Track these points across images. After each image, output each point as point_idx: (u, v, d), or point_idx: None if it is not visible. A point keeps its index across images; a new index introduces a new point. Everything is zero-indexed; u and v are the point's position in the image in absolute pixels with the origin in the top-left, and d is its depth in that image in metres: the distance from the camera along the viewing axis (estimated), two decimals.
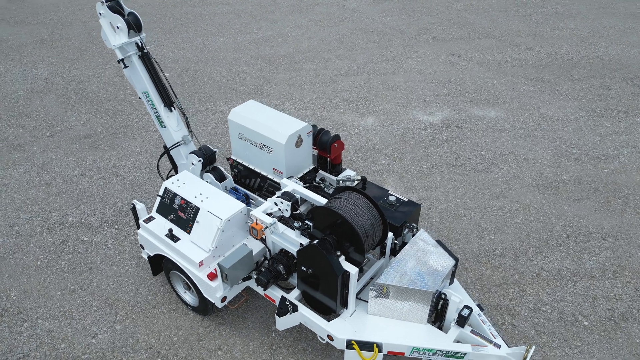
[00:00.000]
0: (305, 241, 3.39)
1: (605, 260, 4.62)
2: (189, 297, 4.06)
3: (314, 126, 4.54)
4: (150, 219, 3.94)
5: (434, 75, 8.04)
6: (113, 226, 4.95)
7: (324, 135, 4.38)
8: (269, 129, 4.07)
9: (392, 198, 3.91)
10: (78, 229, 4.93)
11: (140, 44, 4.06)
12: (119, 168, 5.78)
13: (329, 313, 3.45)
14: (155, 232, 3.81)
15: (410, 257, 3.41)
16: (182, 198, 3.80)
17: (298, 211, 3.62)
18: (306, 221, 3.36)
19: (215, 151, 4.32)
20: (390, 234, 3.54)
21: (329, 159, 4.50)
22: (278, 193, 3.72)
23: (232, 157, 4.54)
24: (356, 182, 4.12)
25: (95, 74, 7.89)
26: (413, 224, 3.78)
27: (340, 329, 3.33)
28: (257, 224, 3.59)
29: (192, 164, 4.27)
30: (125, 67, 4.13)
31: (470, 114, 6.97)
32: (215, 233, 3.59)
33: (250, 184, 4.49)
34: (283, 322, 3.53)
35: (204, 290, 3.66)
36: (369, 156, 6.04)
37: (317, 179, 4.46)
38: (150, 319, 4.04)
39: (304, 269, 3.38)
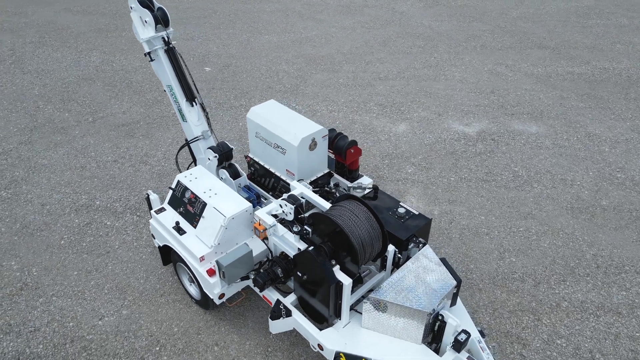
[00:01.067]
0: (303, 246, 3.35)
1: (635, 296, 4.27)
2: (193, 290, 4.12)
3: (331, 130, 4.49)
4: (161, 210, 4.03)
5: (477, 84, 7.74)
6: (135, 213, 5.11)
7: (340, 140, 4.32)
8: (283, 130, 4.05)
9: (401, 210, 3.79)
10: (103, 213, 5.13)
11: (166, 39, 4.15)
12: (150, 157, 5.97)
13: (322, 322, 3.39)
14: (164, 224, 3.89)
15: (410, 274, 3.29)
16: (192, 192, 3.85)
17: (302, 215, 3.58)
18: (306, 226, 3.32)
19: (232, 148, 4.35)
20: (391, 247, 3.42)
21: (346, 165, 4.44)
22: (284, 195, 3.70)
23: (250, 155, 4.56)
24: (367, 190, 4.02)
25: (142, 65, 8.19)
26: (420, 239, 3.64)
27: (331, 339, 3.26)
28: (259, 224, 3.59)
29: (209, 159, 4.33)
30: (152, 60, 4.24)
31: (509, 127, 6.65)
32: (218, 230, 3.61)
33: (265, 183, 4.49)
34: (276, 326, 3.50)
35: (204, 285, 3.70)
36: (396, 164, 5.90)
37: (331, 184, 4.41)
38: (155, 307, 4.13)
39: (300, 275, 3.34)
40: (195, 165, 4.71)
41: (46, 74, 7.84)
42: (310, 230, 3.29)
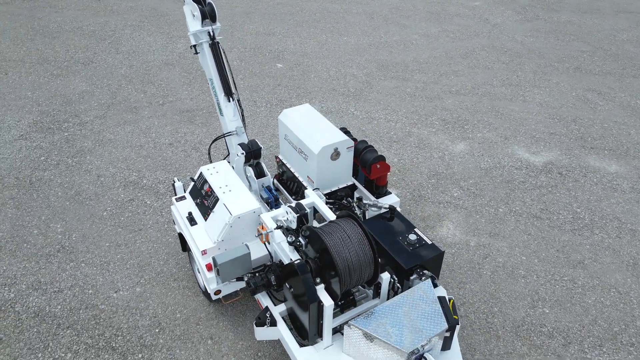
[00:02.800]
0: (296, 257, 3.25)
1: None
2: (199, 280, 4.21)
3: (362, 142, 4.33)
4: (182, 198, 4.16)
5: (558, 110, 7.04)
6: (174, 196, 5.34)
7: (367, 153, 4.15)
8: (308, 137, 3.98)
9: (412, 237, 3.54)
10: (146, 191, 5.42)
11: (211, 34, 4.26)
12: (202, 145, 6.20)
13: (305, 339, 3.28)
14: (180, 212, 4.02)
15: (400, 307, 3.06)
16: (209, 185, 3.92)
17: (304, 226, 3.49)
18: (300, 238, 3.22)
19: (261, 147, 4.36)
20: (386, 275, 3.20)
21: (371, 179, 4.26)
22: (293, 202, 3.63)
23: (279, 156, 4.55)
24: (384, 210, 3.81)
25: None
26: (426, 271, 3.37)
27: (308, 358, 3.14)
28: (262, 227, 3.56)
29: (237, 155, 4.39)
30: (196, 53, 4.38)
31: (583, 162, 5.96)
32: (223, 227, 3.64)
33: (290, 186, 4.46)
34: (260, 333, 3.44)
35: (203, 278, 3.76)
36: (442, 185, 5.55)
37: (354, 198, 4.25)
38: (166, 290, 4.29)
39: (287, 286, 3.25)
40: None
41: (135, 55, 8.47)
42: (303, 242, 3.19)
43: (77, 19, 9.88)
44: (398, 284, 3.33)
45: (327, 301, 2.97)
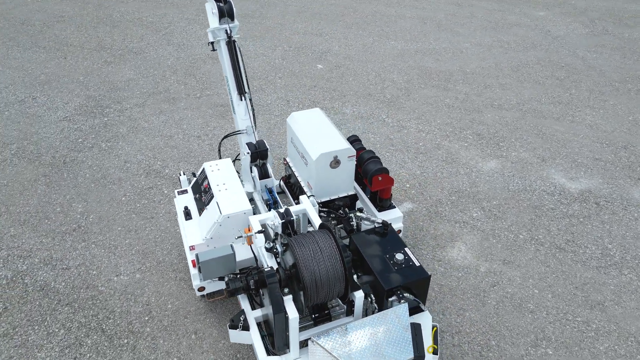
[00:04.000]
0: (273, 264, 3.20)
1: None
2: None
3: (369, 152, 4.20)
4: (184, 191, 4.23)
5: (609, 134, 6.47)
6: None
7: (370, 164, 4.02)
8: (310, 142, 3.91)
9: (399, 256, 3.37)
10: (166, 181, 5.58)
11: (228, 32, 4.28)
12: (228, 140, 6.29)
13: (274, 348, 3.22)
14: (179, 205, 4.08)
15: (369, 328, 2.92)
16: (208, 182, 3.96)
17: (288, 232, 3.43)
18: (277, 245, 3.16)
19: (267, 149, 4.33)
20: (360, 294, 3.06)
21: (371, 191, 4.12)
22: (282, 207, 3.57)
23: (287, 159, 4.51)
24: (376, 224, 3.66)
25: (265, 53, 8.63)
26: (407, 295, 3.20)
27: None
28: (248, 229, 3.54)
29: (244, 154, 4.39)
30: (213, 50, 4.42)
31: (627, 194, 5.43)
32: (212, 224, 3.66)
33: (294, 189, 4.41)
34: (234, 336, 3.42)
35: (191, 273, 3.79)
36: (462, 203, 5.27)
37: (355, 208, 4.12)
38: (163, 280, 4.38)
39: (261, 293, 3.21)
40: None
41: (184, 48, 8.76)
42: (280, 250, 3.13)
43: (140, 10, 10.36)
44: (375, 304, 3.19)
45: (292, 313, 2.90)
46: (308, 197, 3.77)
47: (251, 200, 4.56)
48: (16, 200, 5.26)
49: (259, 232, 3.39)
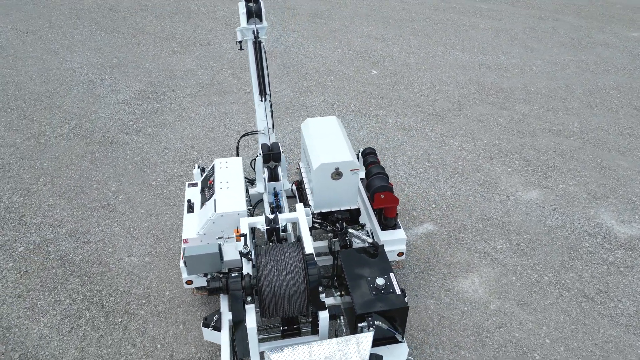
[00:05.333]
0: (248, 269, 3.17)
1: None
2: None
3: (377, 166, 4.03)
4: (194, 184, 4.33)
5: None
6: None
7: (375, 180, 3.86)
8: (315, 150, 3.84)
9: (380, 281, 3.20)
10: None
11: (255, 32, 4.30)
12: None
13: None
14: (185, 197, 4.19)
15: (325, 350, 2.79)
16: (213, 178, 4.01)
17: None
18: (252, 250, 3.13)
19: (280, 152, 4.31)
20: (324, 314, 2.94)
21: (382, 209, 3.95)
22: (285, 212, 3.54)
23: (300, 164, 4.47)
24: (367, 244, 3.50)
25: (323, 54, 8.61)
26: (379, 323, 3.03)
27: None
28: (237, 230, 3.54)
29: (258, 154, 4.41)
30: (241, 49, 4.46)
31: None
32: (206, 221, 3.71)
33: (302, 194, 4.36)
34: (206, 334, 3.44)
35: (181, 265, 3.87)
36: (488, 232, 4.90)
37: (357, 224, 3.98)
38: (168, 266, 4.53)
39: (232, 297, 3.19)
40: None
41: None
42: (253, 257, 3.09)
43: (216, 3, 10.79)
44: (344, 327, 3.05)
45: (251, 323, 2.86)
46: (305, 206, 3.70)
47: (260, 201, 4.58)
48: (62, 173, 5.70)
49: (241, 235, 3.38)
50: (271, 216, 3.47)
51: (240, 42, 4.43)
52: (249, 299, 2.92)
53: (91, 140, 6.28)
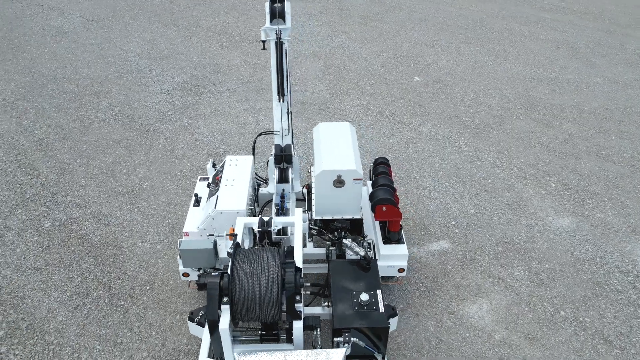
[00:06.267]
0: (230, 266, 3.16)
1: None
2: None
3: (383, 177, 3.90)
4: (205, 179, 4.40)
5: None
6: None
7: (379, 191, 3.76)
8: (322, 155, 3.80)
9: (364, 297, 3.10)
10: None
11: (278, 33, 4.29)
12: (295, 137, 6.36)
13: None
14: (195, 190, 4.26)
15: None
16: (221, 175, 4.06)
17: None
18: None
19: (292, 154, 4.29)
20: (298, 324, 2.87)
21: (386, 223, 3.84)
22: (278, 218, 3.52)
23: (312, 168, 4.42)
24: (358, 257, 3.39)
25: (367, 57, 8.49)
26: (355, 340, 2.93)
27: None
28: (232, 229, 3.55)
29: (270, 154, 4.41)
30: (263, 49, 4.47)
31: None
32: (206, 217, 3.76)
33: (310, 198, 4.31)
34: (192, 328, 3.48)
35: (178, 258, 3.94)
36: (507, 257, 4.61)
37: (359, 234, 3.88)
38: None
39: None
40: None
41: (294, 42, 9.02)
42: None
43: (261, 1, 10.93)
44: (319, 339, 2.98)
45: (224, 324, 2.85)
46: (303, 211, 3.65)
47: (270, 201, 4.58)
48: (97, 156, 5.99)
49: (230, 235, 3.39)
50: (266, 218, 3.46)
51: (263, 41, 4.47)
52: (224, 299, 2.91)
53: (129, 127, 6.56)
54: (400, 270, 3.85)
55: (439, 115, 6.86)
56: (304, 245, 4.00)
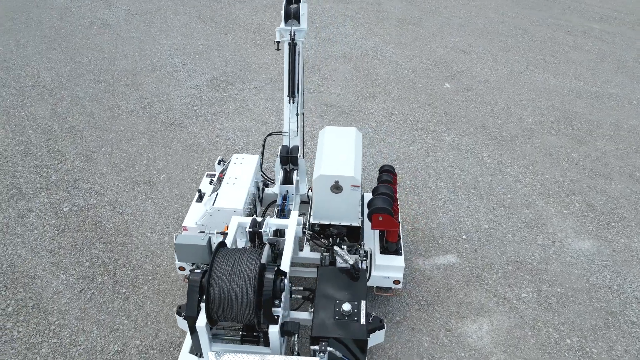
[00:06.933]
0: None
1: None
2: None
3: (384, 186, 3.81)
4: (212, 175, 4.45)
5: None
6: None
7: (377, 200, 3.67)
8: (321, 160, 3.76)
9: (346, 307, 3.03)
10: None
11: (292, 34, 4.28)
12: (313, 138, 6.34)
13: None
14: (200, 186, 4.32)
15: None
16: (225, 172, 4.09)
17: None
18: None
19: (297, 156, 4.26)
20: (274, 329, 2.84)
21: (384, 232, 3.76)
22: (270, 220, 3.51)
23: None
24: (348, 265, 3.33)
25: (399, 61, 8.35)
26: (332, 350, 2.87)
27: None
28: (226, 227, 3.57)
29: (276, 155, 4.40)
30: (278, 49, 4.47)
31: None
32: (204, 213, 3.79)
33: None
34: (179, 322, 3.52)
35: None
36: (516, 277, 4.40)
37: (357, 241, 3.82)
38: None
39: None
40: None
41: (326, 43, 9.00)
42: None
43: (310, 2, 10.94)
44: (296, 347, 2.94)
45: (201, 321, 2.87)
46: (299, 215, 3.63)
47: (274, 202, 4.57)
48: (121, 145, 6.19)
49: (221, 233, 3.40)
50: (259, 219, 3.45)
51: (278, 42, 4.47)
52: (204, 296, 2.93)
53: (155, 120, 6.74)
54: (396, 282, 3.75)
55: (465, 124, 6.65)
56: (301, 249, 4.00)
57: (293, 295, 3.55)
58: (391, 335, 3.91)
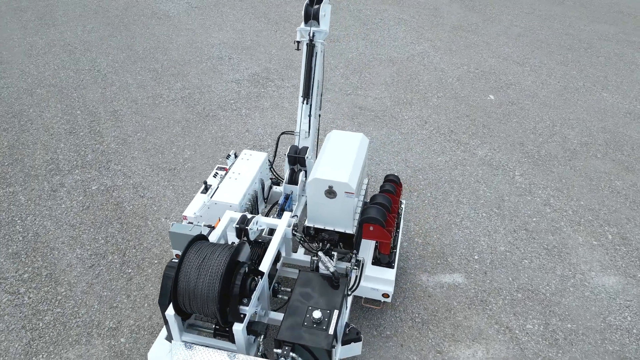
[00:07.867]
0: None
1: None
2: None
3: (382, 196, 3.71)
4: (222, 168, 4.52)
5: None
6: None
7: (370, 209, 3.58)
8: (320, 163, 3.72)
9: (317, 314, 2.97)
10: None
11: (310, 35, 4.25)
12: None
13: None
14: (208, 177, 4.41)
15: None
16: (230, 167, 4.15)
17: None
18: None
19: (304, 157, 4.24)
20: (239, 326, 2.83)
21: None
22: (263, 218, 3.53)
23: None
24: (329, 273, 3.25)
25: (445, 69, 8.07)
26: (294, 355, 2.83)
27: (154, 354, 3.16)
28: (218, 220, 3.62)
29: (285, 154, 4.40)
30: (297, 49, 4.46)
31: None
32: (203, 204, 3.87)
33: None
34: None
35: None
36: (525, 307, 4.12)
37: (350, 249, 3.74)
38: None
39: None
40: None
41: (373, 46, 8.88)
42: None
43: (365, 3, 10.87)
44: (260, 340, 2.93)
45: (170, 310, 2.93)
46: (292, 217, 3.61)
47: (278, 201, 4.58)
48: (156, 132, 6.45)
49: (208, 226, 3.45)
50: (249, 216, 3.47)
51: (298, 42, 4.46)
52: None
53: (192, 110, 6.96)
54: (385, 295, 3.64)
55: (502, 139, 6.31)
56: (294, 251, 3.98)
57: (280, 296, 3.55)
58: (378, 349, 3.79)
